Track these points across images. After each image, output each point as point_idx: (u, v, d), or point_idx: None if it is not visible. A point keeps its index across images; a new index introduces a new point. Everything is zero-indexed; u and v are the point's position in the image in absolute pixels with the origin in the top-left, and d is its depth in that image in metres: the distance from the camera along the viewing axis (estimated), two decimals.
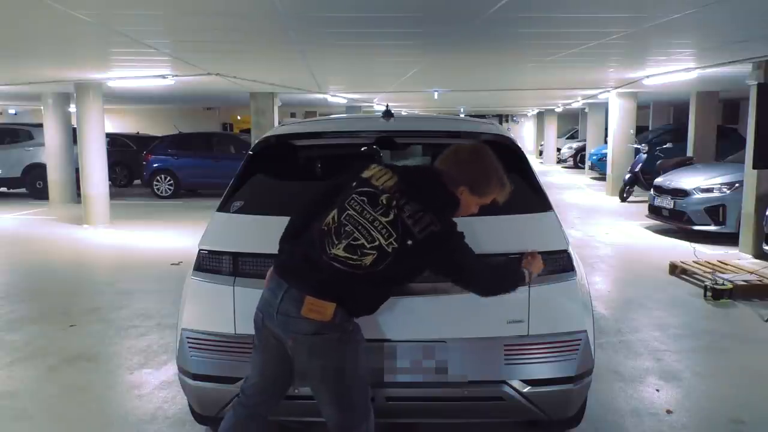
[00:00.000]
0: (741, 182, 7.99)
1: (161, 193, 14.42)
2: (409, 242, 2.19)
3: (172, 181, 14.38)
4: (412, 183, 2.30)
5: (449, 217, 2.30)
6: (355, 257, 2.21)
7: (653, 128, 18.51)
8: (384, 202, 2.23)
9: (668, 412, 3.54)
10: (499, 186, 2.38)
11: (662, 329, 4.96)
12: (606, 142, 16.20)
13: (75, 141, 11.51)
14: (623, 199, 12.81)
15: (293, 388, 2.58)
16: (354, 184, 2.33)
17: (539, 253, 2.69)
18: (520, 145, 3.36)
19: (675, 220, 8.86)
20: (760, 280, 5.95)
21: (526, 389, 2.58)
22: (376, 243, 2.20)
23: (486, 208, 2.48)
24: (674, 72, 9.25)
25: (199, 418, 3.08)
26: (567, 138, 27.05)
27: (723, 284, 5.76)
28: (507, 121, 33.97)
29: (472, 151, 2.38)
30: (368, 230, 2.22)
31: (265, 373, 2.43)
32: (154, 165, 14.49)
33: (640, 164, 12.68)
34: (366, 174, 2.34)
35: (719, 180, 8.55)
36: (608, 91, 13.84)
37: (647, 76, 10.29)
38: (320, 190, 2.49)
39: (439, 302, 2.63)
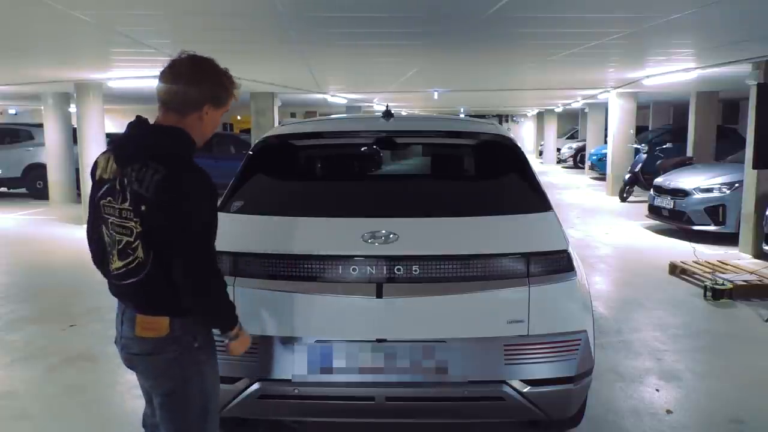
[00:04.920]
0: (741, 182, 7.99)
1: None
2: (143, 207, 1.88)
3: None
4: (121, 148, 2.01)
5: (182, 157, 1.96)
6: (130, 259, 1.96)
7: (653, 128, 18.51)
8: (118, 187, 1.94)
9: (668, 412, 3.54)
10: (234, 84, 2.08)
11: (662, 329, 4.96)
12: (606, 142, 16.20)
13: (75, 141, 11.51)
14: (623, 199, 12.81)
15: (293, 389, 2.59)
16: (98, 192, 2.04)
17: (539, 252, 2.69)
18: (520, 145, 3.36)
19: (675, 220, 8.86)
20: (760, 280, 5.95)
21: (526, 389, 2.58)
22: (135, 231, 1.92)
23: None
24: (674, 72, 9.25)
25: None
26: (567, 138, 27.03)
27: (723, 284, 5.76)
28: (507, 121, 33.95)
29: (195, 65, 2.03)
30: (123, 225, 1.95)
31: (146, 396, 2.29)
32: None
33: (640, 164, 12.68)
34: (98, 174, 2.04)
35: (719, 180, 8.55)
36: (608, 91, 13.84)
37: (647, 76, 10.29)
38: (90, 210, 2.12)
39: (439, 302, 2.62)
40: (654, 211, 9.38)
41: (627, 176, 12.88)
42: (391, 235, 2.65)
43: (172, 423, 2.08)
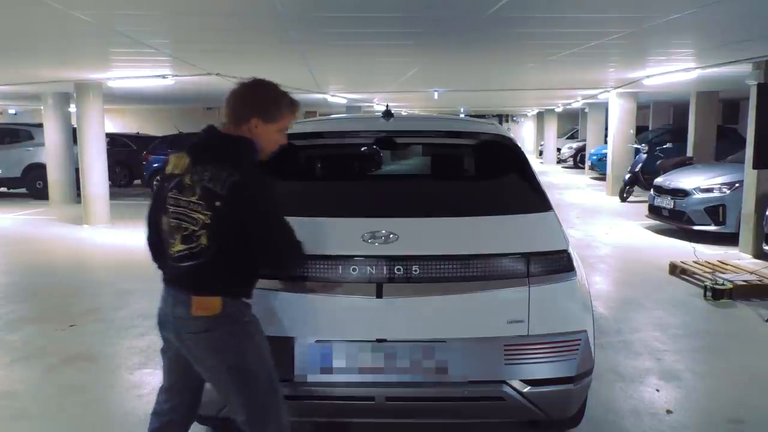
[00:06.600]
0: (741, 182, 7.99)
1: None
2: (218, 203, 2.14)
3: None
4: (198, 150, 2.28)
5: (250, 162, 2.26)
6: (193, 244, 2.20)
7: (653, 128, 18.51)
8: (188, 182, 2.21)
9: (668, 412, 3.54)
10: (290, 106, 2.36)
11: (662, 329, 4.96)
12: (606, 142, 16.21)
13: (75, 141, 11.51)
14: (623, 199, 12.82)
15: (293, 389, 2.59)
16: (166, 185, 2.30)
17: (539, 252, 2.69)
18: (520, 145, 3.36)
19: (675, 220, 8.86)
20: (760, 280, 5.95)
21: (526, 389, 2.58)
22: (200, 221, 2.18)
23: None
24: (674, 72, 9.25)
25: (199, 418, 3.07)
26: (567, 138, 27.05)
27: (723, 284, 5.76)
28: (507, 121, 33.96)
29: (251, 85, 2.33)
30: (188, 215, 2.20)
31: (172, 379, 2.43)
32: (154, 165, 14.42)
33: (640, 164, 12.69)
34: (168, 169, 2.31)
35: (719, 180, 8.55)
36: (608, 91, 13.84)
37: (647, 76, 10.29)
38: (152, 204, 2.43)
39: (439, 302, 2.63)
40: (654, 211, 9.38)
41: (627, 176, 12.89)
42: (391, 235, 2.65)
43: (240, 395, 2.25)
